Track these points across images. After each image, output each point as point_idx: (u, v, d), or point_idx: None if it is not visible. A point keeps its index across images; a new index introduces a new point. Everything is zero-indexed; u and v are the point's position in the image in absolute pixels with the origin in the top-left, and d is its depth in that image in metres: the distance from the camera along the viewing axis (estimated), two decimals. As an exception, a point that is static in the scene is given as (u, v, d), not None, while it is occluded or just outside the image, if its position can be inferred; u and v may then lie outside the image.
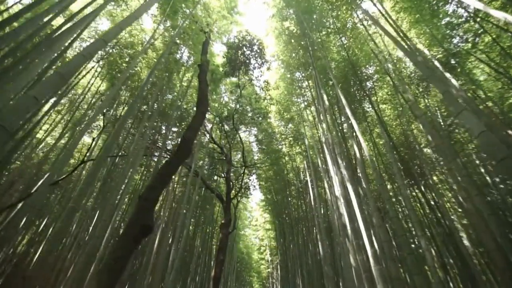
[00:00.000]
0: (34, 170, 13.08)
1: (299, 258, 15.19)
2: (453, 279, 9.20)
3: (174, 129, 17.48)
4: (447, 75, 7.71)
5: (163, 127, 16.98)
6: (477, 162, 11.60)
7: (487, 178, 10.82)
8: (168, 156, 15.90)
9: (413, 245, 9.39)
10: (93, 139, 5.44)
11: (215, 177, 18.83)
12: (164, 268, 9.45)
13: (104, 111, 8.90)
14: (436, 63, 8.23)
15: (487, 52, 8.36)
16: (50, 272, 8.26)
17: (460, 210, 12.69)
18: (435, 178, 13.98)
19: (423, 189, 13.08)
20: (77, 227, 10.97)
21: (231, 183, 12.68)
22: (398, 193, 10.94)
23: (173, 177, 16.27)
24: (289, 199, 18.09)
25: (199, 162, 17.22)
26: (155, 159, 19.26)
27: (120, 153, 14.72)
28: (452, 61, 9.09)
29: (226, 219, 11.04)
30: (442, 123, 12.05)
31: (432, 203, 11.60)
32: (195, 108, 15.92)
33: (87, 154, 16.42)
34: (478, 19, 7.85)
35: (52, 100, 16.77)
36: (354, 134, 7.07)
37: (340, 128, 9.81)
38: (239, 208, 23.89)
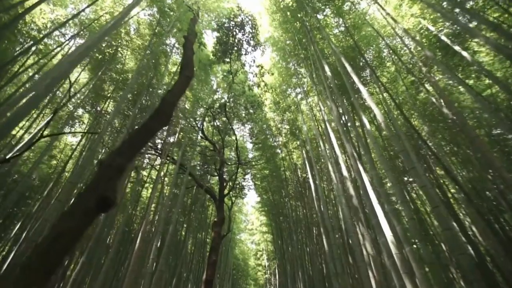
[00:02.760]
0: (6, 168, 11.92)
1: (299, 258, 14.21)
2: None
3: (164, 127, 16.58)
4: (457, 48, 7.13)
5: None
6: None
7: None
8: (160, 156, 14.95)
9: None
10: (56, 110, 4.52)
11: (208, 177, 17.87)
12: (149, 272, 8.41)
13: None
14: (443, 37, 7.66)
15: (498, 20, 7.83)
16: None
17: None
18: (439, 171, 13.37)
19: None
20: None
21: (224, 181, 11.82)
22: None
23: (161, 176, 15.25)
24: (286, 199, 17.22)
25: (191, 162, 16.28)
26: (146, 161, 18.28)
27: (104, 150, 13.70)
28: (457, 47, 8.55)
29: (219, 217, 10.13)
30: (446, 112, 11.49)
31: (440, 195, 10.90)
32: (187, 104, 15.12)
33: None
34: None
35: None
36: (363, 106, 6.31)
37: (345, 104, 8.95)
38: (233, 211, 22.82)
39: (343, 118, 6.26)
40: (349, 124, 9.66)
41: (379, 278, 4.06)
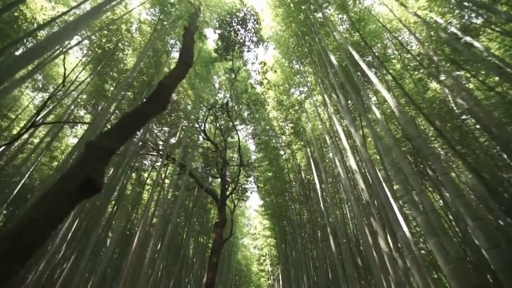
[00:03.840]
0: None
1: (303, 262, 13.73)
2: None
3: (166, 128, 16.46)
4: (468, 38, 6.84)
5: (154, 126, 15.96)
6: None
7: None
8: (161, 156, 14.72)
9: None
10: (49, 98, 4.28)
11: (210, 179, 17.57)
12: (147, 275, 8.07)
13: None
14: (453, 29, 7.39)
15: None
16: None
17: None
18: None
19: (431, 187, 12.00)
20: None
21: (226, 182, 11.54)
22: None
23: (162, 177, 14.97)
24: (290, 202, 16.82)
25: (193, 163, 16.02)
26: (146, 162, 18.07)
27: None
28: (468, 37, 8.22)
29: (220, 218, 9.79)
30: (455, 108, 11.15)
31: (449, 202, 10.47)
32: (188, 105, 14.94)
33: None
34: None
35: (30, 92, 15.60)
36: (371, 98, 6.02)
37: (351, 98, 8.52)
38: (236, 214, 22.38)
39: (351, 108, 5.98)
40: (356, 123, 9.36)
41: (395, 278, 3.68)
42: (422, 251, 12.55)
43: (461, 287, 2.44)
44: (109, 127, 13.07)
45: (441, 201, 11.44)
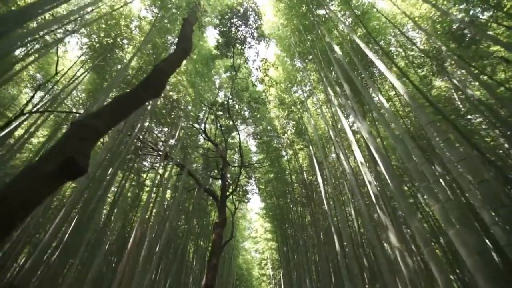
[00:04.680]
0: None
1: (306, 265, 13.36)
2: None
3: (165, 128, 16.28)
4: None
5: (153, 126, 15.79)
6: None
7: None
8: (160, 157, 14.50)
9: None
10: (39, 86, 4.11)
11: (210, 181, 17.30)
12: (143, 277, 7.78)
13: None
14: (460, 16, 7.18)
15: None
16: None
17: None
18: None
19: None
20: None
21: (227, 182, 11.30)
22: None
23: (160, 178, 14.73)
24: (292, 204, 16.50)
25: (193, 164, 15.79)
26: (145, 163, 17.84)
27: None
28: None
29: (220, 218, 9.54)
30: (460, 106, 10.92)
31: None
32: (188, 105, 14.76)
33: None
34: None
35: (29, 91, 15.43)
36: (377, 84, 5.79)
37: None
38: (237, 217, 22.03)
39: (356, 101, 5.76)
40: (361, 119, 9.12)
41: (408, 275, 3.40)
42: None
43: (487, 279, 2.19)
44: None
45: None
